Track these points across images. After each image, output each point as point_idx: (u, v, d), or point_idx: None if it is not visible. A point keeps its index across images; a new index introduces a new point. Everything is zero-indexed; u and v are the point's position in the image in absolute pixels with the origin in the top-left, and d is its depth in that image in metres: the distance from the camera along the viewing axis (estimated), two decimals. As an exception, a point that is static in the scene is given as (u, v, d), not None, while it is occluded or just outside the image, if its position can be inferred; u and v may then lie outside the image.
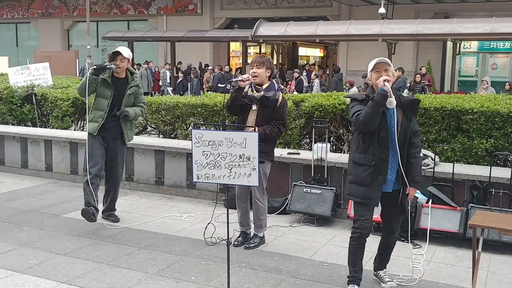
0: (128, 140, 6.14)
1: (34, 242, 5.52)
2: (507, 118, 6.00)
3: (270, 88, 5.25)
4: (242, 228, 5.56)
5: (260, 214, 5.44)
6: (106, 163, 6.11)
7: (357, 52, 22.82)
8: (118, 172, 6.19)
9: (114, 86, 5.97)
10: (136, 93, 6.11)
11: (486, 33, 16.85)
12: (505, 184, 5.62)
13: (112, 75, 5.99)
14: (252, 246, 5.37)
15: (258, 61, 5.29)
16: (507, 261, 5.13)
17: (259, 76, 5.23)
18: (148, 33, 24.24)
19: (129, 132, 6.12)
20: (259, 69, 5.24)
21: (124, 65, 5.95)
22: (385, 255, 4.59)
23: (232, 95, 5.26)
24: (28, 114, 9.49)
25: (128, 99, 6.02)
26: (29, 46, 31.46)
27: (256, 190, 5.33)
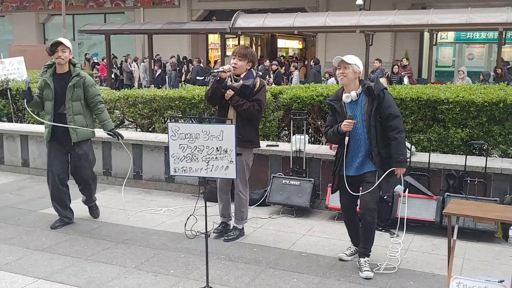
0: (78, 139, 5.60)
1: (10, 238, 5.45)
2: (481, 107, 6.08)
3: (248, 76, 5.20)
4: (223, 219, 5.57)
5: (242, 207, 5.44)
6: (70, 167, 5.81)
7: (335, 43, 22.90)
8: (84, 173, 5.83)
9: (56, 84, 5.56)
10: (84, 84, 5.60)
11: (462, 23, 17.01)
12: (480, 173, 5.70)
13: (54, 73, 5.61)
14: (231, 238, 5.38)
15: (240, 53, 5.20)
16: (482, 248, 5.21)
17: (239, 68, 5.18)
18: (125, 26, 23.96)
19: (78, 130, 5.58)
20: (241, 62, 5.17)
21: (66, 55, 5.51)
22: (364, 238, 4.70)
23: (212, 85, 5.18)
24: (3, 109, 9.36)
25: (73, 92, 5.54)
26: (4, 40, 30.92)
27: (239, 182, 5.31)
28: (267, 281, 4.45)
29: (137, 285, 4.37)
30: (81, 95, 5.63)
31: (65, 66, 5.60)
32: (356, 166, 4.66)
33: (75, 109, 5.60)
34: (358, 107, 4.64)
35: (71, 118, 5.57)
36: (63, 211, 5.85)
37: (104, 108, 5.79)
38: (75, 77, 5.58)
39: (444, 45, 23.49)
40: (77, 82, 5.57)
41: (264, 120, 7.16)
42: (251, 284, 4.39)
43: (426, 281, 4.46)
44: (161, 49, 24.65)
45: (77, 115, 5.61)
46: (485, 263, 4.86)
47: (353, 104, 4.66)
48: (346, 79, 4.63)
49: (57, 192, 5.77)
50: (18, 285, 4.36)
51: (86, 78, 5.67)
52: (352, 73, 4.61)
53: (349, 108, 4.66)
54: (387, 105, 4.56)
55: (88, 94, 5.67)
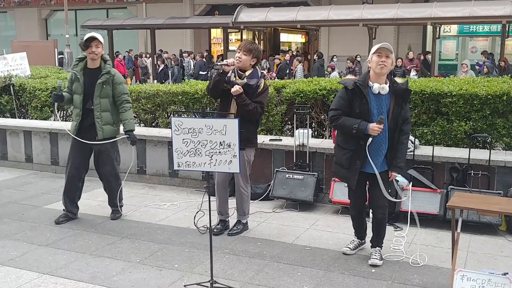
0: (104, 136, 5.64)
1: (15, 234, 5.47)
2: (485, 100, 6.06)
3: (253, 75, 5.17)
4: (221, 216, 5.52)
5: (244, 202, 5.44)
6: (94, 162, 5.87)
7: (338, 37, 22.84)
8: (105, 170, 5.83)
9: (86, 79, 5.59)
10: (113, 82, 5.63)
11: (465, 16, 16.95)
12: (484, 166, 5.69)
13: (85, 67, 5.64)
14: (235, 233, 5.39)
15: (246, 47, 5.17)
16: (486, 241, 5.21)
17: (243, 62, 5.15)
18: (127, 21, 23.98)
19: (105, 127, 5.64)
20: (245, 56, 5.14)
21: (99, 50, 5.54)
22: (376, 232, 4.71)
23: (215, 78, 5.15)
24: (6, 105, 9.37)
25: (101, 89, 5.57)
26: (6, 36, 30.96)
27: (240, 178, 5.32)
28: (271, 275, 4.46)
29: (142, 279, 4.39)
30: (109, 92, 5.64)
31: (96, 61, 5.61)
32: (379, 164, 4.50)
33: (103, 106, 5.62)
34: (382, 103, 4.40)
35: (99, 114, 5.61)
36: (69, 206, 5.87)
37: (129, 108, 5.78)
38: (105, 74, 5.59)
39: (447, 38, 23.40)
40: (106, 79, 5.60)
41: (267, 115, 7.16)
42: (255, 278, 4.40)
43: (430, 274, 4.46)
44: (163, 44, 24.63)
45: (104, 111, 5.64)
46: (489, 256, 4.85)
47: (378, 97, 4.39)
48: (386, 69, 4.34)
49: (71, 185, 5.82)
50: (23, 280, 4.38)
51: (116, 75, 5.69)
52: (391, 64, 4.38)
53: (374, 100, 4.39)
54: (407, 108, 4.47)
55: (116, 92, 5.67)
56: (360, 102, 4.38)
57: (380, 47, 4.36)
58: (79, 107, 5.64)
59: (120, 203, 6.05)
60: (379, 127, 4.31)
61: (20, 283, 4.32)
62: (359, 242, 4.92)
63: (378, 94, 4.38)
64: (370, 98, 4.38)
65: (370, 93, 4.38)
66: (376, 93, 4.37)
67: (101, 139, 5.66)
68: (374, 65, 4.36)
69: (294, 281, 4.33)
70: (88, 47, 5.52)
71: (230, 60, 5.12)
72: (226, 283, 4.22)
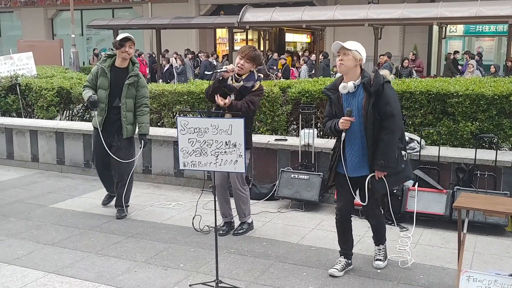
0: (127, 135, 5.83)
1: (21, 233, 5.49)
2: (491, 100, 6.04)
3: (249, 78, 5.20)
4: (225, 218, 5.51)
5: (243, 203, 5.40)
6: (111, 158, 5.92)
7: (344, 37, 22.74)
8: (121, 167, 5.87)
9: (113, 76, 5.77)
10: (138, 84, 5.82)
11: (472, 16, 16.88)
12: (490, 166, 5.67)
13: (112, 64, 5.81)
14: (241, 233, 5.39)
15: (249, 56, 5.14)
16: (492, 242, 5.19)
17: (244, 70, 5.17)
18: (133, 21, 24.01)
19: (129, 126, 5.83)
20: (248, 64, 5.15)
21: (131, 51, 5.76)
22: (375, 234, 4.63)
23: (214, 84, 5.16)
24: (12, 104, 9.41)
25: (128, 90, 5.76)
26: (12, 36, 31.08)
27: (235, 180, 5.28)
28: (277, 274, 4.46)
29: (147, 278, 4.39)
30: (134, 94, 5.84)
31: (126, 61, 5.81)
32: (354, 166, 4.30)
33: (128, 106, 5.82)
34: (355, 100, 4.23)
35: (125, 114, 5.80)
36: (110, 187, 6.21)
37: (146, 112, 5.95)
38: (133, 76, 5.80)
39: (453, 38, 23.31)
40: (134, 81, 5.81)
41: (272, 114, 7.16)
42: (260, 278, 4.39)
43: (436, 274, 4.45)
44: (169, 44, 24.65)
45: (129, 111, 5.84)
46: (495, 257, 4.83)
47: (350, 96, 4.24)
48: (344, 67, 4.20)
49: (103, 174, 6.17)
50: (29, 279, 4.39)
51: (141, 79, 5.91)
52: (351, 60, 4.17)
53: (346, 100, 4.27)
54: (385, 102, 4.14)
55: (138, 94, 5.87)
56: (334, 105, 4.34)
57: (333, 48, 4.28)
58: (104, 102, 5.81)
59: (127, 203, 6.06)
60: (345, 119, 4.17)
61: (26, 282, 4.34)
62: (346, 262, 4.52)
63: (349, 93, 4.23)
64: (343, 99, 4.28)
65: (342, 95, 4.28)
66: (345, 92, 4.24)
67: (125, 137, 5.85)
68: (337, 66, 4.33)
69: (299, 281, 4.33)
70: (122, 46, 5.71)
71: (230, 67, 5.12)
72: (231, 282, 4.23)
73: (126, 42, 5.70)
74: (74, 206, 6.38)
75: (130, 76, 5.78)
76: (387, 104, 4.15)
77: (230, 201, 5.50)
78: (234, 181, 5.30)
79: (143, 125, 5.89)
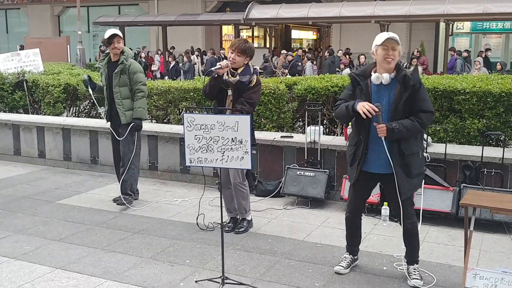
0: (126, 121, 6.01)
1: (28, 228, 5.52)
2: (499, 98, 6.02)
3: (245, 72, 5.17)
4: (230, 214, 5.53)
5: (243, 199, 5.37)
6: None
7: (350, 34, 22.74)
8: (124, 155, 6.12)
9: (110, 71, 6.02)
10: (129, 71, 5.97)
11: (479, 13, 16.84)
12: (497, 164, 5.65)
13: (109, 61, 6.06)
14: (241, 231, 5.38)
15: (240, 48, 5.13)
16: (499, 239, 5.17)
17: (237, 63, 5.16)
18: (139, 18, 24.07)
19: (127, 112, 6.01)
20: (239, 57, 5.14)
21: (120, 45, 5.98)
22: (410, 247, 4.27)
23: (210, 82, 5.14)
24: (19, 101, 9.44)
25: (119, 78, 5.95)
26: (19, 32, 31.21)
27: (235, 175, 5.25)
28: (282, 271, 4.46)
29: (153, 274, 4.41)
30: (127, 81, 6.02)
31: (117, 55, 6.03)
32: (380, 162, 4.08)
33: (123, 94, 6.02)
34: (385, 93, 4.03)
35: (119, 101, 6.01)
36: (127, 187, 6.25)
37: (141, 96, 6.08)
38: (119, 64, 5.98)
39: (460, 36, 23.23)
40: (122, 69, 5.97)
41: (278, 111, 7.15)
42: (266, 274, 4.40)
43: (442, 272, 4.44)
44: (175, 40, 24.68)
45: (125, 99, 6.03)
46: (502, 255, 4.82)
47: (382, 88, 4.03)
48: (393, 63, 3.99)
49: (117, 167, 6.34)
50: (36, 274, 4.41)
51: (132, 65, 6.03)
52: (399, 55, 4.01)
53: (376, 91, 4.05)
54: (422, 98, 4.00)
55: (131, 80, 6.03)
56: (360, 92, 4.10)
57: (387, 38, 3.97)
58: (106, 96, 6.13)
59: (129, 192, 6.19)
60: (370, 106, 3.90)
61: (33, 277, 4.36)
62: (351, 258, 4.47)
63: (381, 85, 4.03)
64: (372, 89, 4.06)
65: (372, 84, 4.07)
66: (377, 84, 4.04)
67: (124, 123, 6.04)
68: (380, 58, 4.01)
69: (305, 278, 4.33)
70: (111, 43, 5.95)
71: (224, 63, 5.09)
72: (237, 279, 4.23)
73: (114, 39, 5.93)
74: (81, 202, 6.41)
75: (118, 65, 5.98)
76: (425, 100, 4.03)
77: (234, 197, 5.51)
78: (233, 176, 5.28)
79: (135, 110, 6.04)
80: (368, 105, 3.92)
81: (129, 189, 6.18)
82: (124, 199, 6.10)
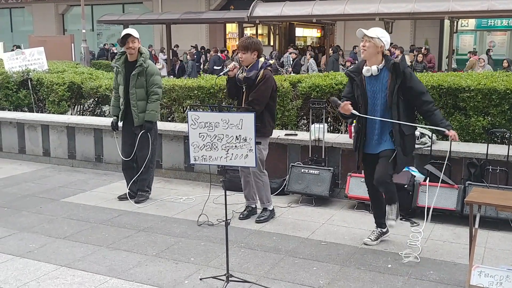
0: (139, 122, 6.08)
1: (33, 226, 5.54)
2: (504, 95, 5.99)
3: (252, 68, 5.32)
4: (248, 202, 5.70)
5: (261, 190, 5.55)
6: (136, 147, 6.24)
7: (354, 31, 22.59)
8: (141, 155, 6.19)
9: (127, 71, 6.06)
10: (146, 73, 6.03)
11: (484, 10, 16.77)
12: (502, 161, 5.63)
13: (126, 60, 6.10)
14: (262, 220, 5.54)
15: (242, 46, 5.35)
16: (504, 237, 5.16)
17: (245, 60, 5.33)
18: (143, 16, 24.08)
19: (141, 114, 6.07)
20: (244, 54, 5.32)
21: (135, 45, 5.99)
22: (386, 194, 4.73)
23: (226, 85, 5.49)
24: (24, 99, 9.47)
25: (136, 80, 6.01)
26: (24, 31, 31.28)
27: (255, 171, 5.42)
28: (287, 269, 4.46)
29: (158, 272, 4.41)
30: (144, 83, 6.07)
31: (134, 55, 6.05)
32: (374, 144, 4.68)
33: (138, 95, 6.06)
34: (378, 83, 4.58)
35: (135, 103, 6.06)
36: (128, 182, 6.35)
37: (155, 99, 6.13)
38: (138, 66, 6.01)
39: (465, 33, 23.17)
40: (140, 71, 6.02)
41: (282, 109, 7.15)
42: (270, 272, 4.40)
43: (447, 270, 4.43)
44: (179, 39, 24.69)
45: (140, 100, 6.07)
46: (507, 252, 4.80)
47: (374, 79, 4.60)
48: (366, 53, 4.57)
49: (125, 165, 6.36)
50: (41, 272, 4.43)
51: (150, 67, 6.09)
52: (373, 47, 4.54)
53: (369, 82, 4.61)
54: (417, 80, 4.56)
55: (147, 82, 6.08)
56: (356, 86, 4.67)
57: (358, 34, 4.62)
58: (123, 96, 6.14)
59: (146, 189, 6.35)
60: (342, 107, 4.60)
61: (38, 275, 4.38)
62: (380, 231, 4.93)
63: (372, 76, 4.58)
64: (366, 82, 4.61)
65: (366, 77, 4.61)
66: (369, 75, 4.58)
67: (137, 125, 6.11)
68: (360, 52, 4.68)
69: (309, 276, 4.33)
70: (125, 43, 5.98)
71: (231, 65, 5.32)
72: (241, 276, 4.23)
73: (128, 39, 5.95)
74: (86, 200, 6.42)
75: (136, 66, 6.00)
76: (419, 82, 4.59)
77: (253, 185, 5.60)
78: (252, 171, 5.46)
79: (148, 112, 6.10)
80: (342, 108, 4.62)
81: (146, 186, 6.35)
82: (141, 195, 6.29)
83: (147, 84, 6.07)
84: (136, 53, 6.03)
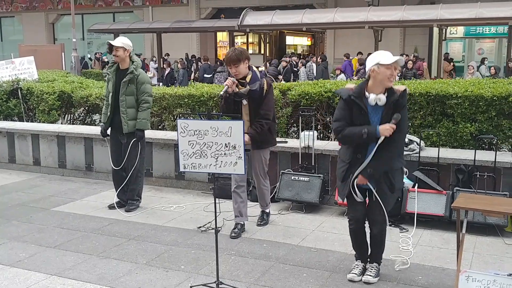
0: (129, 130, 6.09)
1: (23, 236, 5.52)
2: (490, 102, 6.06)
3: (254, 80, 5.26)
4: (240, 219, 5.49)
5: (265, 195, 5.71)
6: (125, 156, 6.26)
7: (344, 39, 22.85)
8: (129, 164, 6.19)
9: (117, 78, 6.09)
10: (137, 81, 6.06)
11: (472, 18, 16.95)
12: (489, 167, 5.69)
13: (117, 68, 6.15)
14: (263, 224, 5.71)
15: (233, 60, 5.17)
16: (492, 242, 5.21)
17: (240, 73, 5.24)
18: (133, 25, 24.11)
19: (130, 122, 6.08)
20: (238, 67, 5.21)
21: (119, 53, 6.03)
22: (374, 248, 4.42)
23: (224, 105, 5.29)
24: (14, 108, 9.43)
25: (127, 87, 6.04)
26: (14, 40, 31.20)
27: (260, 177, 5.58)
28: (277, 276, 4.48)
29: (148, 280, 4.42)
30: (134, 91, 6.11)
31: (125, 63, 6.11)
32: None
33: (128, 103, 6.09)
34: (377, 112, 4.14)
35: (124, 110, 6.09)
36: (119, 192, 6.37)
37: (146, 108, 6.17)
38: (128, 74, 6.06)
39: (454, 40, 23.39)
40: (130, 78, 6.06)
41: (272, 117, 7.18)
42: (260, 279, 4.42)
43: (435, 275, 4.47)
44: (170, 47, 24.72)
45: (130, 108, 6.10)
46: (495, 257, 4.85)
47: (374, 107, 4.14)
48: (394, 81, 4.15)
49: (114, 173, 6.38)
50: (31, 282, 4.42)
51: (141, 75, 6.12)
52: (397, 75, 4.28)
53: (371, 110, 4.14)
54: (405, 119, 4.16)
55: (138, 91, 6.12)
56: (359, 113, 4.16)
57: (397, 60, 4.08)
58: (110, 103, 6.17)
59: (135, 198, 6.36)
60: (391, 126, 4.02)
61: (28, 284, 4.37)
62: (363, 266, 4.46)
63: (373, 105, 4.12)
64: (368, 109, 4.14)
65: (367, 104, 4.14)
66: (374, 104, 4.11)
67: (126, 132, 6.12)
68: (382, 77, 4.05)
69: (299, 282, 4.35)
70: (111, 52, 6.13)
71: (229, 82, 5.17)
72: (232, 284, 4.25)
73: (112, 47, 6.04)
74: (76, 209, 6.41)
75: (127, 74, 6.05)
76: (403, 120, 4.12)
77: (246, 201, 5.59)
78: (258, 179, 5.61)
79: (139, 121, 6.13)
80: (390, 126, 4.04)
81: (136, 195, 6.36)
82: (131, 204, 6.31)
83: (137, 92, 6.10)
84: (127, 61, 6.08)
